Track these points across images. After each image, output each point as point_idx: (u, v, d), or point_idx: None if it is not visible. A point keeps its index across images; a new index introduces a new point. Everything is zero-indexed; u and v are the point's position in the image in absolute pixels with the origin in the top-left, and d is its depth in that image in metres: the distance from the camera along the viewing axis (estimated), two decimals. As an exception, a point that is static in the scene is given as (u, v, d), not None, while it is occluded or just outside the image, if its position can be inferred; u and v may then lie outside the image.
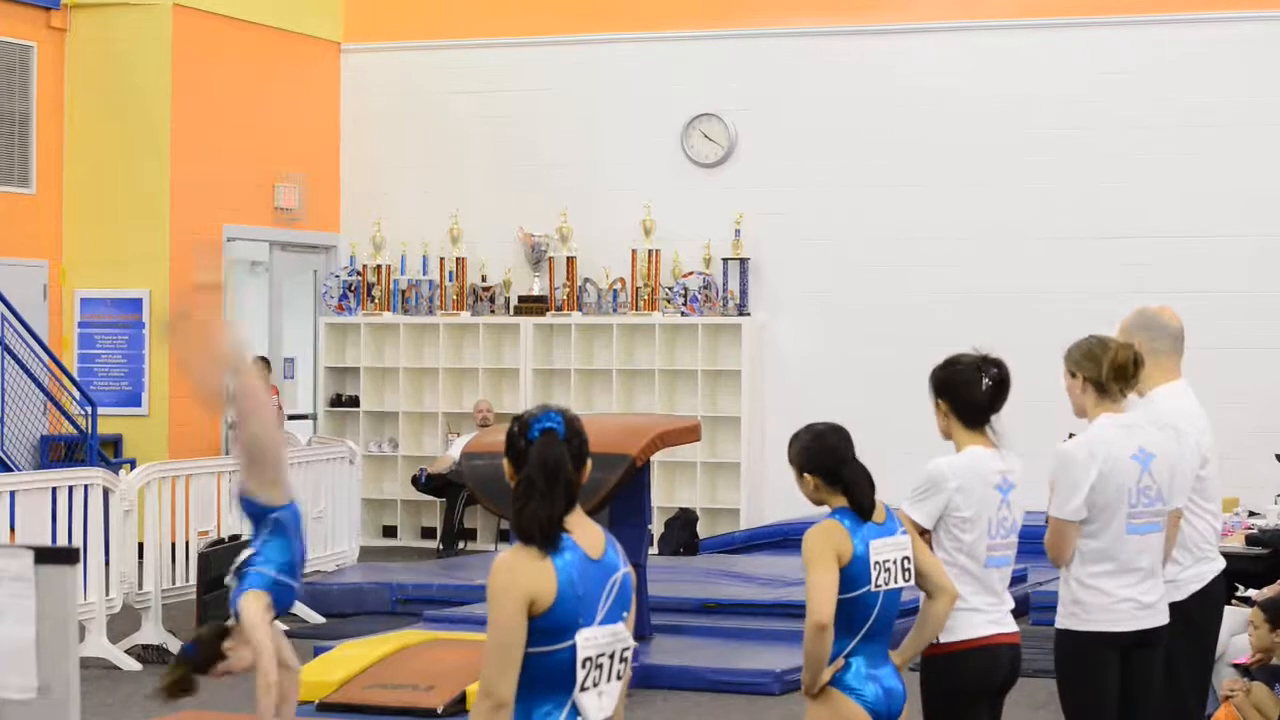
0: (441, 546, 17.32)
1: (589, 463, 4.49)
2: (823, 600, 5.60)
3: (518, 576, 4.33)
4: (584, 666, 4.36)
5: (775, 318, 17.46)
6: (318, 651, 11.15)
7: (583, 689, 4.37)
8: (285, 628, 12.88)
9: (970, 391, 6.16)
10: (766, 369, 17.38)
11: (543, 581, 4.33)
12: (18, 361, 15.80)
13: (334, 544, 14.65)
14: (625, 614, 4.47)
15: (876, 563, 5.71)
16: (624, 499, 11.23)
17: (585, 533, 4.45)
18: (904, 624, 6.05)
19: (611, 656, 4.41)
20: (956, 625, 6.07)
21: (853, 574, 5.68)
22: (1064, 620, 6.43)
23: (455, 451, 16.67)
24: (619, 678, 4.46)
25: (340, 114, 18.96)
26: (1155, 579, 6.46)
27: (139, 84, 17.05)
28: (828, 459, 5.79)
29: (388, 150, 18.77)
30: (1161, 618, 6.47)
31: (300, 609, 13.39)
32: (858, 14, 17.48)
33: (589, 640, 4.36)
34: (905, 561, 5.80)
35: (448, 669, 10.26)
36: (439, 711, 9.88)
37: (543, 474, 4.38)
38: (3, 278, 16.16)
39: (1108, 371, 6.43)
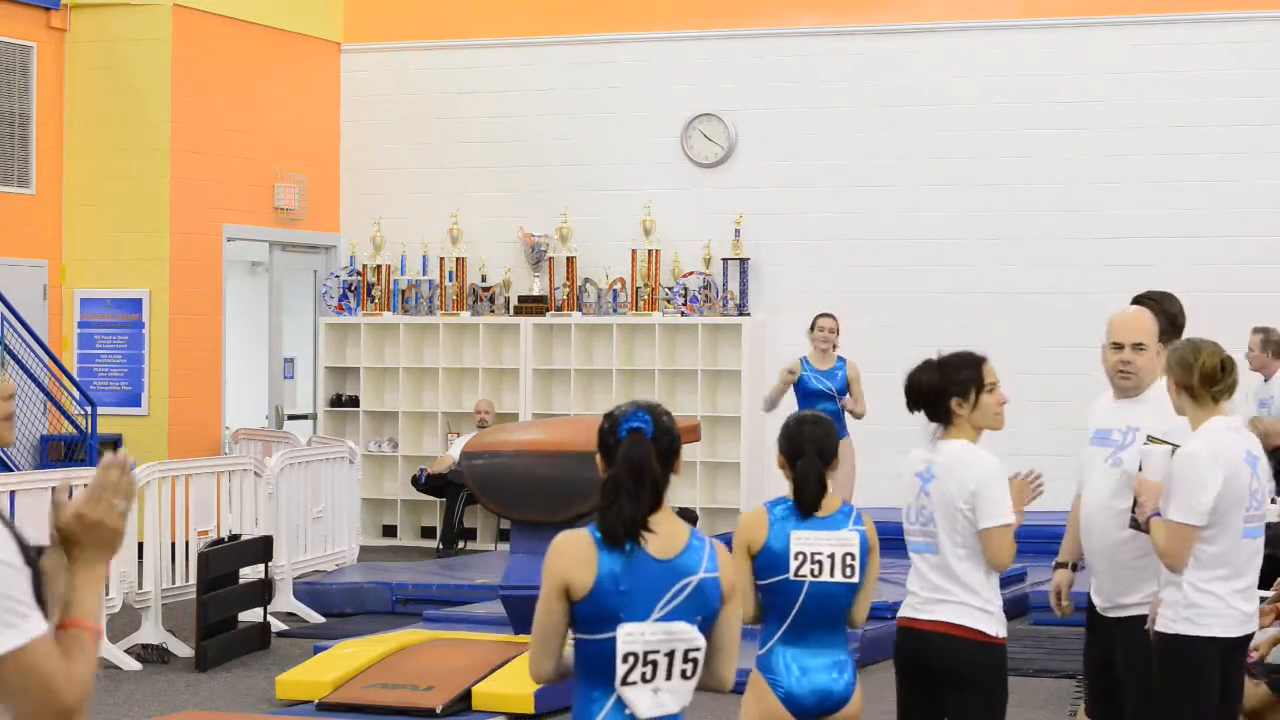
0: (441, 546, 17.32)
1: (680, 458, 4.59)
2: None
3: (558, 560, 4.43)
4: (626, 661, 4.37)
5: (775, 318, 17.45)
6: (317, 651, 11.14)
7: (626, 683, 4.38)
8: (284, 628, 12.91)
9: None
10: (767, 369, 17.35)
11: (581, 570, 4.40)
12: (18, 361, 15.80)
13: (334, 544, 14.64)
14: (699, 617, 4.45)
15: (799, 553, 5.85)
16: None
17: (664, 532, 4.49)
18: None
19: (670, 655, 4.40)
20: (902, 605, 6.31)
21: (764, 563, 5.90)
22: (1176, 625, 6.39)
23: (455, 451, 16.67)
24: (685, 677, 4.44)
25: (340, 114, 18.95)
26: (1255, 585, 6.51)
27: (139, 84, 17.05)
28: (788, 446, 5.97)
29: (388, 150, 18.77)
30: (1255, 624, 6.55)
31: (300, 608, 13.39)
32: (858, 14, 17.48)
33: (631, 635, 4.37)
34: (848, 558, 5.88)
35: (448, 669, 10.25)
36: (438, 711, 9.87)
37: (629, 474, 4.46)
38: (3, 278, 16.16)
39: (1197, 379, 6.43)
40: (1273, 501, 12.38)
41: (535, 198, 18.10)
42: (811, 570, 5.84)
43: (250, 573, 12.59)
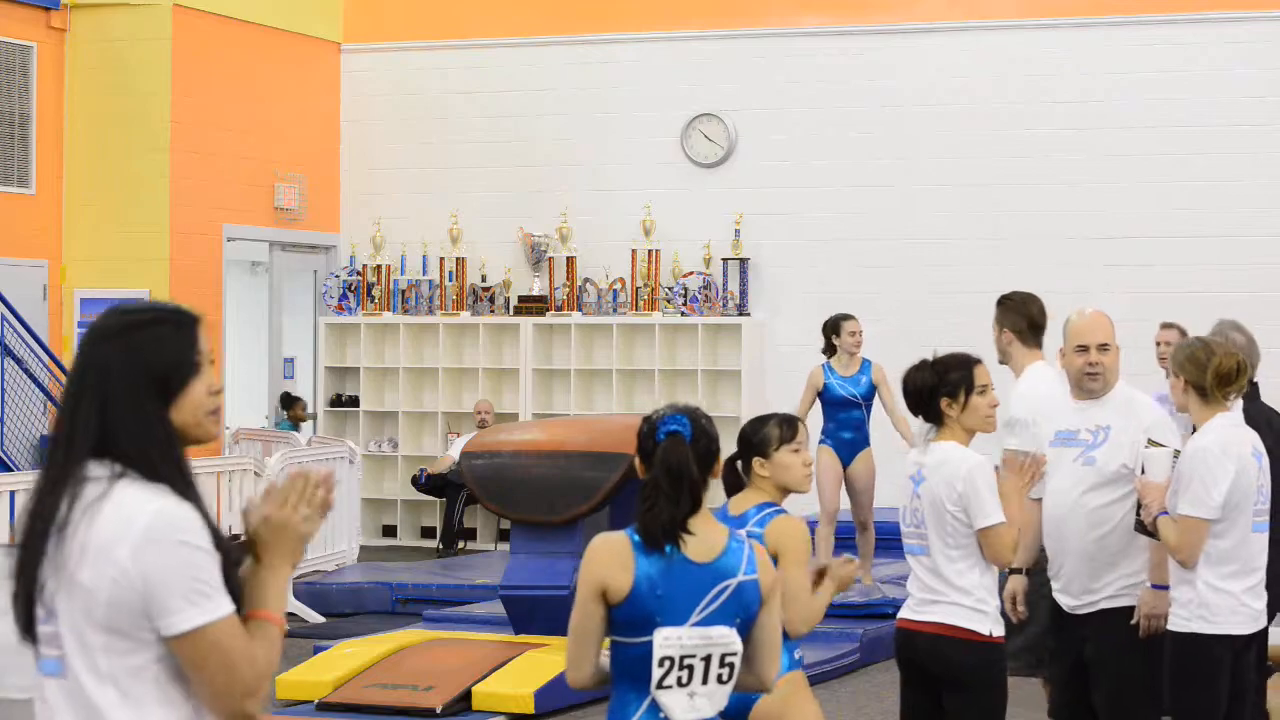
0: (441, 546, 17.32)
1: (720, 459, 4.55)
2: None
3: (594, 564, 4.42)
4: (662, 665, 4.36)
5: (775, 318, 17.45)
6: (317, 651, 11.14)
7: (661, 686, 4.37)
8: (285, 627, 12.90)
9: None
10: (766, 369, 17.38)
11: (618, 575, 4.39)
12: (17, 362, 15.80)
13: (334, 544, 14.64)
14: (738, 619, 4.44)
15: None
16: (624, 499, 11.23)
17: (702, 535, 4.46)
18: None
19: (707, 659, 4.39)
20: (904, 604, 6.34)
21: None
22: (1191, 624, 6.39)
23: (455, 451, 16.67)
24: (722, 681, 4.43)
25: (340, 114, 18.95)
26: (1263, 581, 6.51)
27: (139, 84, 17.05)
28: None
29: (388, 150, 18.77)
30: (1264, 620, 6.54)
31: (300, 608, 13.39)
32: (858, 14, 17.48)
33: (668, 640, 4.36)
34: None
35: (447, 669, 10.25)
36: (438, 711, 9.87)
37: (668, 478, 4.43)
38: (3, 278, 16.15)
39: (1211, 378, 6.44)
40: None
41: (535, 198, 18.10)
42: None
43: (250, 573, 12.56)
